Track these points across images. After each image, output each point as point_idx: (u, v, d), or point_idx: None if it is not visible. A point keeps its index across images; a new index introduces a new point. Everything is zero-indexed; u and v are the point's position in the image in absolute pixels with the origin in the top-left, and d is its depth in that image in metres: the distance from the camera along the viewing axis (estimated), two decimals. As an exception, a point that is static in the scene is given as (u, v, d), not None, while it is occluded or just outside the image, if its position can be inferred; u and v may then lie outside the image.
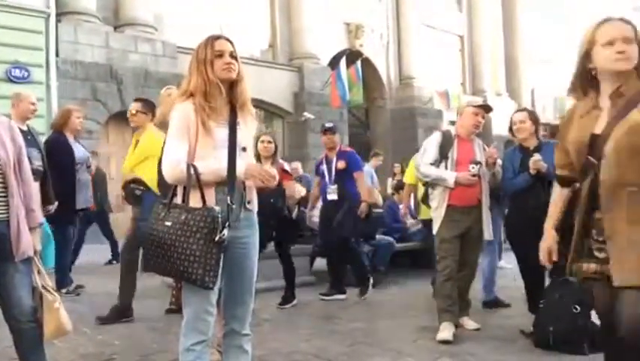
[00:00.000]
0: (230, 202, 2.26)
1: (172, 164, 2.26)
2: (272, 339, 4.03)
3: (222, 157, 2.30)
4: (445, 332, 3.94)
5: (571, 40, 23.30)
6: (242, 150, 2.38)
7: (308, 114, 15.33)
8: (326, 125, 6.04)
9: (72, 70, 11.31)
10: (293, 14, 16.40)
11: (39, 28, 10.81)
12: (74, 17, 11.73)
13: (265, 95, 14.57)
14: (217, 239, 2.16)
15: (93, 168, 6.09)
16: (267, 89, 14.56)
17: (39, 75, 10.70)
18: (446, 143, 4.24)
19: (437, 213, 4.18)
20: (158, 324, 4.50)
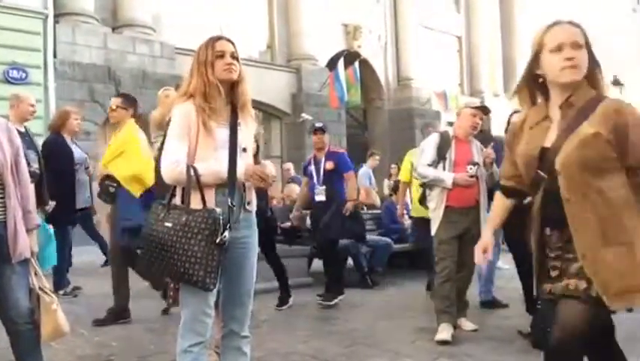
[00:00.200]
0: (231, 204, 2.26)
1: (171, 165, 2.25)
2: (270, 340, 4.03)
3: (223, 158, 2.30)
4: (444, 333, 3.95)
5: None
6: (242, 151, 2.38)
7: (306, 115, 15.31)
8: (316, 124, 5.97)
9: (70, 71, 11.28)
10: (291, 15, 16.39)
11: (37, 29, 10.78)
12: (72, 18, 11.70)
13: (263, 96, 14.55)
14: (218, 241, 2.16)
15: (92, 169, 6.08)
16: (265, 90, 14.55)
17: (37, 76, 10.67)
18: (444, 144, 4.25)
19: (435, 214, 4.19)
20: (156, 325, 4.50)
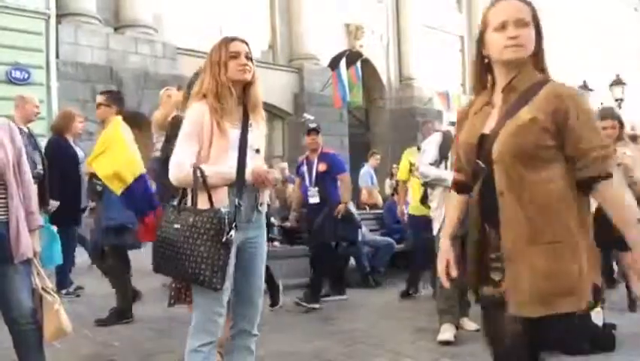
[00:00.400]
0: (238, 203, 2.26)
1: (177, 167, 2.28)
2: (272, 340, 4.02)
3: (234, 159, 2.32)
4: (447, 333, 3.94)
5: (571, 40, 23.31)
6: (255, 152, 2.41)
7: (308, 115, 15.32)
8: (310, 125, 5.95)
9: (72, 71, 11.30)
10: (293, 15, 16.40)
11: (39, 29, 10.79)
12: (74, 19, 11.72)
13: (265, 96, 13.99)
14: (224, 240, 2.17)
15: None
16: (267, 90, 14.23)
17: (39, 77, 10.68)
18: (446, 143, 4.24)
19: (437, 213, 4.18)
20: (158, 325, 4.50)
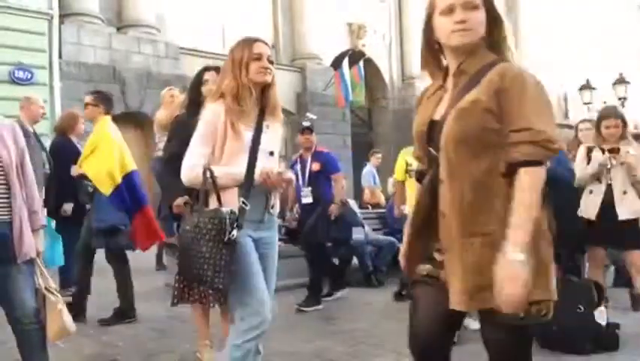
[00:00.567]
0: (243, 203, 2.27)
1: (189, 168, 2.32)
2: (273, 339, 4.01)
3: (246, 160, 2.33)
4: (449, 333, 3.93)
5: (573, 39, 23.25)
6: (269, 155, 2.41)
7: (310, 115, 15.32)
8: (304, 124, 5.89)
9: (75, 71, 11.33)
10: (295, 15, 16.40)
11: (42, 29, 10.81)
12: (77, 19, 11.75)
13: None
14: (226, 240, 2.18)
15: None
16: (269, 90, 14.54)
17: (42, 77, 10.70)
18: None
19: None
20: (161, 325, 4.51)
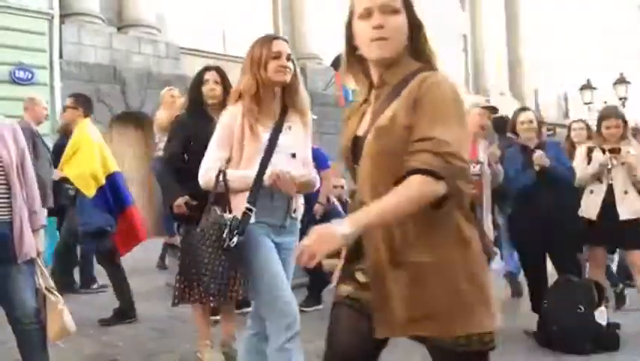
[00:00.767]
0: (247, 208, 2.22)
1: (205, 171, 2.34)
2: (275, 340, 4.02)
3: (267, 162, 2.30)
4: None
5: (573, 39, 23.24)
6: (291, 156, 2.36)
7: (311, 115, 15.33)
8: None
9: (76, 71, 11.32)
10: (295, 15, 16.39)
11: (42, 29, 10.81)
12: (78, 18, 11.74)
13: None
14: (225, 246, 2.17)
15: None
16: (270, 90, 14.54)
17: (43, 77, 10.70)
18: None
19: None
20: (162, 325, 4.50)
